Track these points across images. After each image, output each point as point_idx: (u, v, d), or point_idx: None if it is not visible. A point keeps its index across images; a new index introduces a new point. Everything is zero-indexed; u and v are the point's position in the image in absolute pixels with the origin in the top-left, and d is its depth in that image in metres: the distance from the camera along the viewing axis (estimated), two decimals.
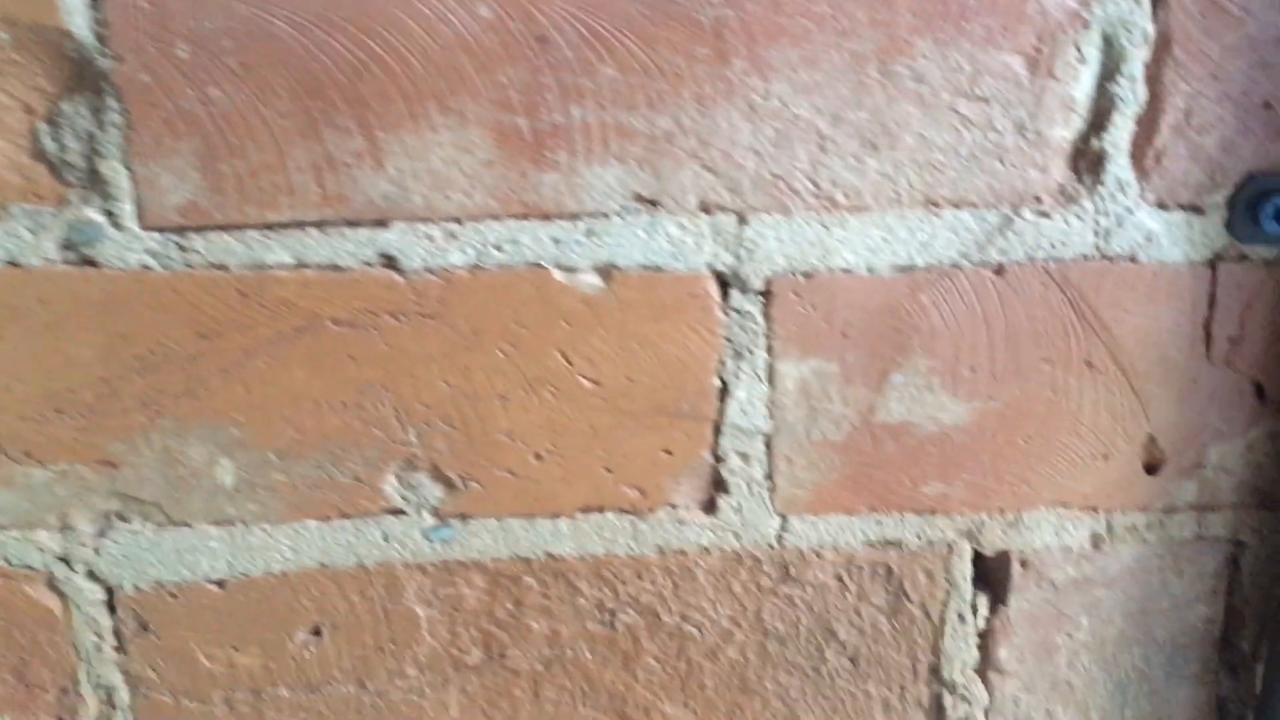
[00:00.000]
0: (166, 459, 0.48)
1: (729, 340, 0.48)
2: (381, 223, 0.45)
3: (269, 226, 0.45)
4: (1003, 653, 0.53)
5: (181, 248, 0.45)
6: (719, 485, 0.51)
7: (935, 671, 0.54)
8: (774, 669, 0.54)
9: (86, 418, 0.47)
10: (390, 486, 0.50)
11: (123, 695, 0.52)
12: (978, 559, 0.52)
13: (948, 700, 0.54)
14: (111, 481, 0.49)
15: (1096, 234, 0.46)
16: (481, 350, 0.48)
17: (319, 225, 0.45)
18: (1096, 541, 0.52)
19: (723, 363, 0.48)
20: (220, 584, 0.51)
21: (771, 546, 0.52)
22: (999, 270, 0.47)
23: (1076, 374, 0.49)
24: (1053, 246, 0.47)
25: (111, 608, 0.51)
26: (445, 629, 0.52)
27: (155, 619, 0.51)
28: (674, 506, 0.51)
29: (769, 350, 0.48)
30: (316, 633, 0.52)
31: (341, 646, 0.52)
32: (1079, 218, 0.46)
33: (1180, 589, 0.52)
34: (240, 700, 0.53)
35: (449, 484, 0.50)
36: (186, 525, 0.50)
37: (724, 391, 0.49)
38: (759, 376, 0.49)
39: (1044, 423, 0.50)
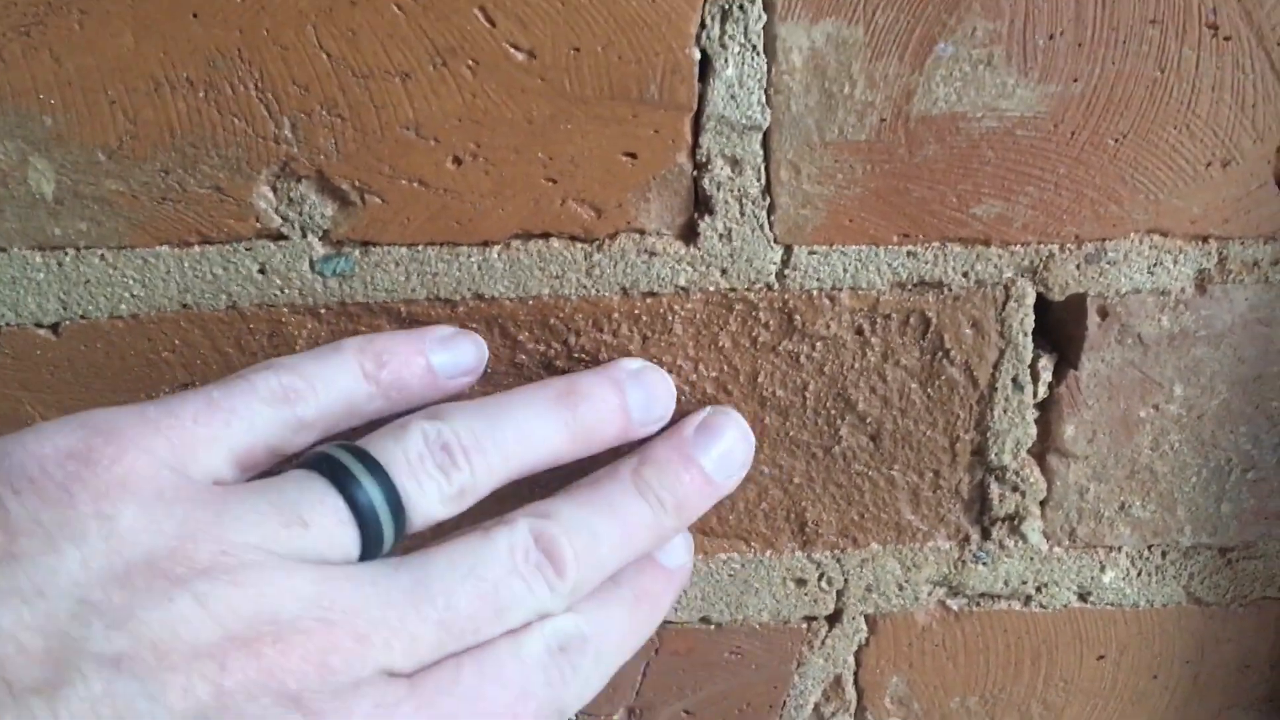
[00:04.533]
0: None
1: None
2: None
3: None
4: (1069, 430, 0.43)
5: None
6: (701, 203, 0.40)
7: (980, 453, 0.44)
8: (772, 448, 0.44)
9: None
10: (264, 200, 0.39)
11: None
12: (1042, 306, 0.41)
13: (994, 490, 0.44)
14: None
15: None
16: (372, 5, 0.36)
17: None
18: (1203, 282, 0.41)
19: (704, 25, 0.37)
20: (54, 329, 0.41)
21: (770, 287, 0.41)
22: None
23: (1194, 42, 0.37)
24: None
25: None
26: None
27: None
28: (641, 232, 0.40)
29: (768, 7, 0.36)
30: None
31: None
32: None
33: None
34: None
35: (341, 198, 0.39)
36: (0, 250, 0.40)
37: (706, 68, 0.37)
38: (754, 46, 0.37)
39: (1144, 114, 0.38)
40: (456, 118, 0.38)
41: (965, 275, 0.41)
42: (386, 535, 0.32)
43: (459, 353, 0.38)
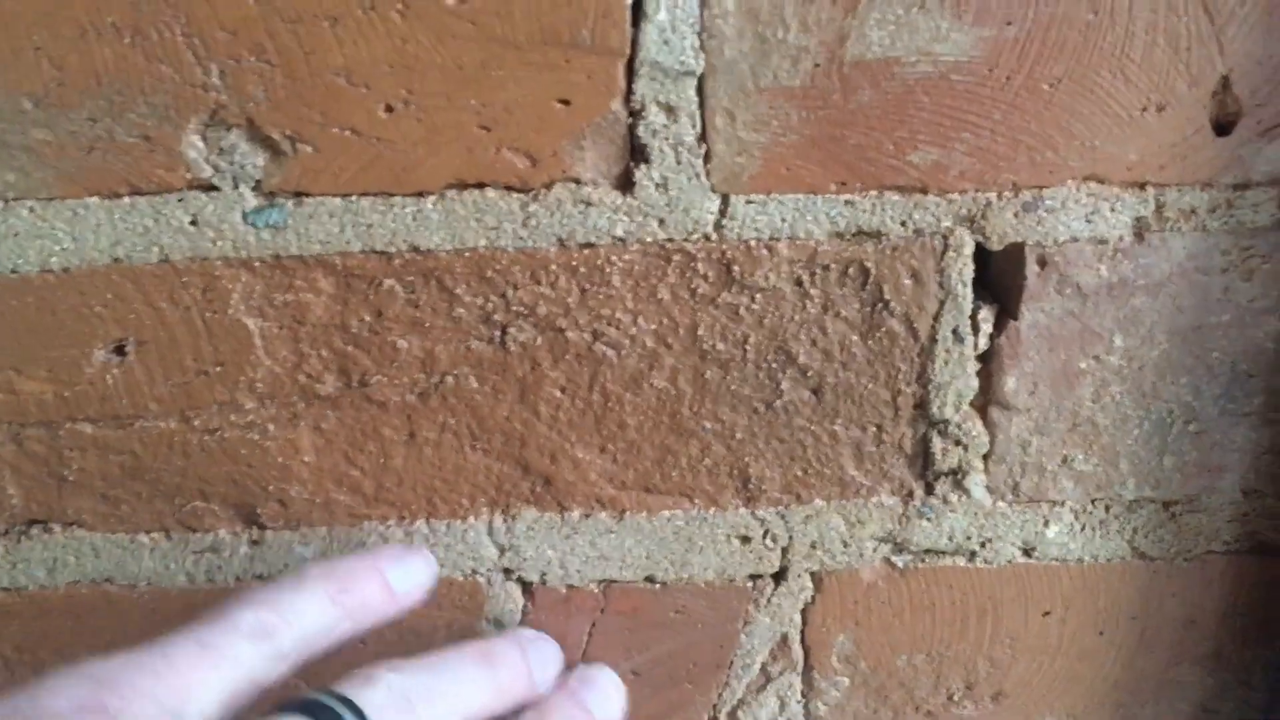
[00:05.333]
0: None
1: None
2: None
3: None
4: (1010, 382, 0.43)
5: None
6: (636, 152, 0.39)
7: (922, 407, 0.44)
8: (714, 403, 0.44)
9: None
10: (194, 150, 0.39)
11: None
12: (981, 255, 0.41)
13: (936, 443, 0.44)
14: None
15: None
16: None
17: None
18: (1140, 230, 0.41)
19: None
20: None
21: (708, 237, 0.41)
22: None
23: None
24: None
25: None
26: (287, 348, 0.42)
27: None
28: (577, 181, 0.40)
29: None
30: (120, 350, 0.42)
31: (154, 369, 0.42)
32: None
33: (1248, 295, 0.42)
34: (32, 437, 0.43)
35: (272, 147, 0.39)
36: None
37: (638, 13, 0.37)
38: None
39: (1078, 58, 0.38)
40: (387, 64, 0.38)
41: (903, 224, 0.41)
42: None
43: (412, 570, 0.41)
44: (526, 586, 0.47)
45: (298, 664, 0.37)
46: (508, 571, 0.47)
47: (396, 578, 0.41)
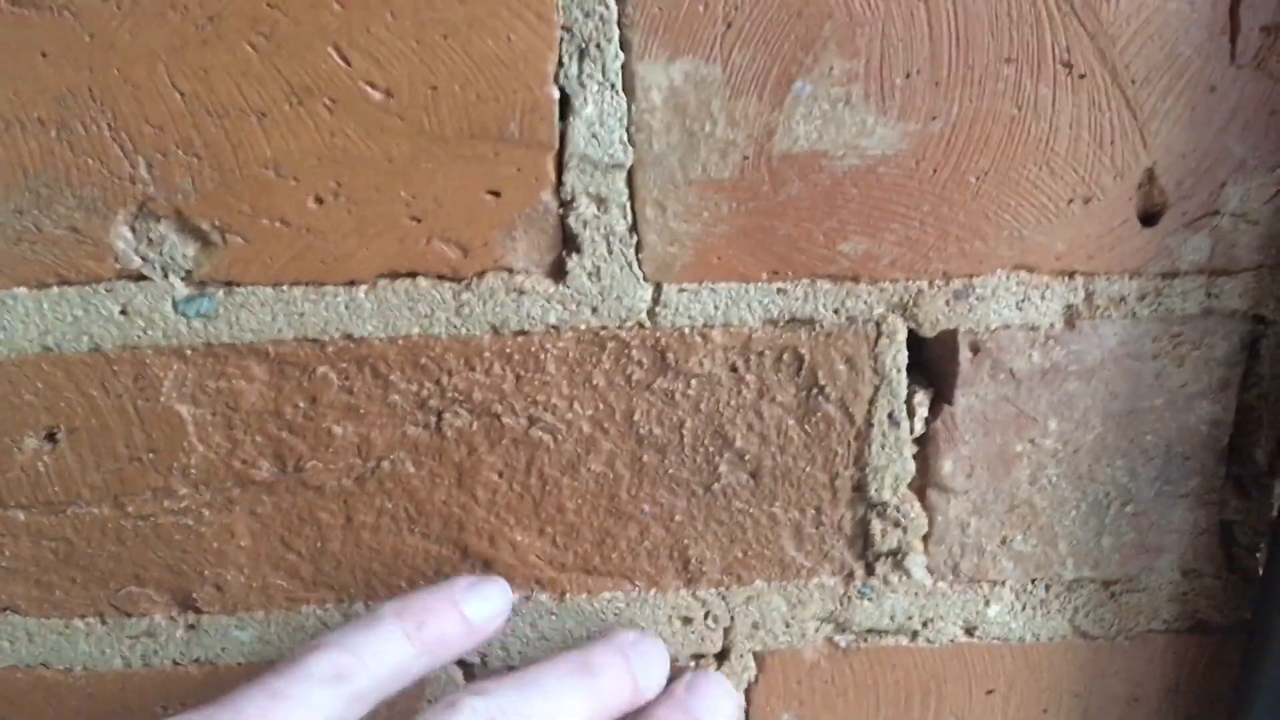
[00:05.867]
0: None
1: (569, 31, 0.36)
2: None
3: None
4: (947, 465, 0.43)
5: None
6: (568, 241, 0.40)
7: (860, 489, 0.44)
8: (653, 486, 0.44)
9: None
10: (122, 241, 0.39)
11: None
12: (914, 342, 0.42)
13: (876, 525, 0.44)
14: None
15: None
16: (222, 43, 0.36)
17: None
18: (1071, 318, 0.41)
19: (561, 64, 0.37)
20: None
21: (642, 325, 0.41)
22: None
23: (1050, 80, 0.37)
24: None
25: None
26: (221, 434, 0.42)
27: None
28: (509, 271, 0.40)
29: (624, 46, 0.37)
30: (51, 438, 0.42)
31: (86, 456, 0.42)
32: None
33: (1179, 380, 0.42)
34: None
35: (202, 237, 0.39)
36: None
37: (565, 107, 0.37)
38: (612, 85, 0.37)
39: (1004, 152, 0.38)
40: (316, 156, 0.38)
41: (836, 312, 0.41)
42: None
43: (488, 598, 0.41)
44: (468, 668, 0.47)
45: (377, 704, 0.37)
46: None
47: (472, 609, 0.40)
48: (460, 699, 0.35)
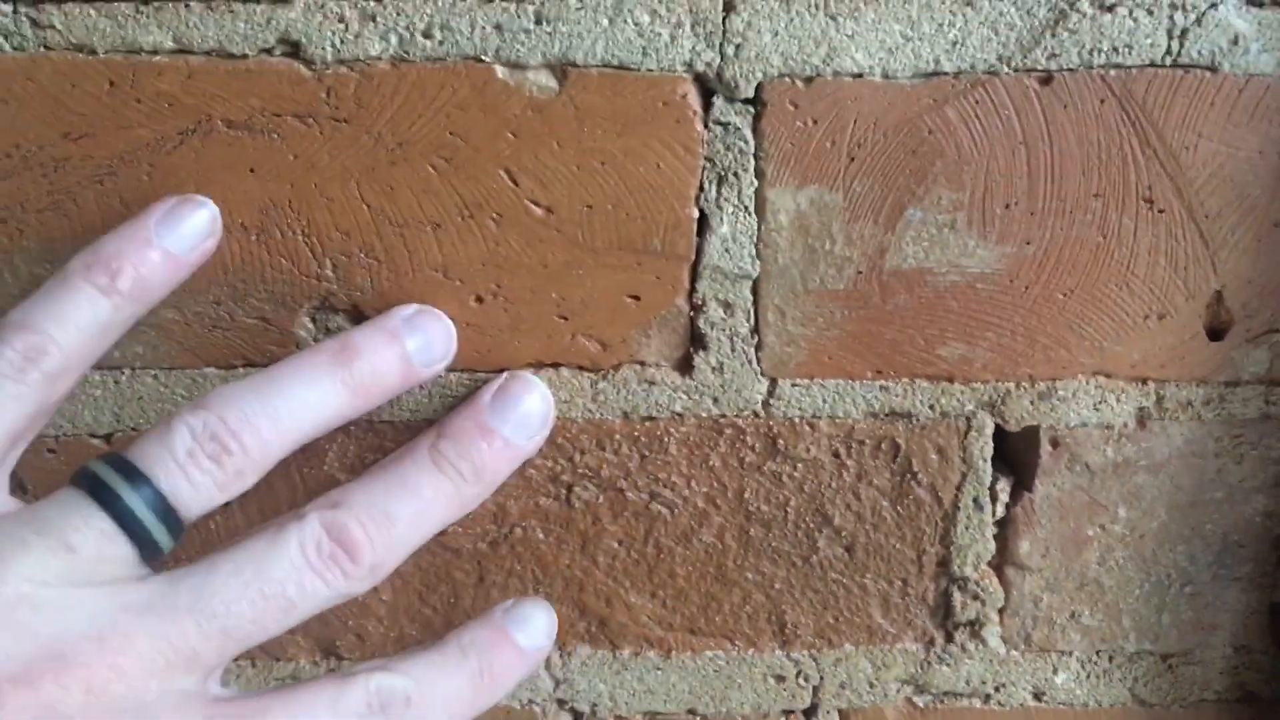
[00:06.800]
0: (33, 290, 0.42)
1: (710, 161, 0.42)
2: None
3: None
4: (1024, 546, 0.48)
5: (35, 22, 0.39)
6: (696, 340, 0.45)
7: (944, 565, 0.49)
8: (756, 557, 0.49)
9: None
10: (303, 330, 0.44)
11: None
12: (1000, 436, 0.47)
13: (957, 598, 0.49)
14: None
15: (1170, 34, 0.39)
16: (409, 165, 0.41)
17: None
18: (1143, 419, 0.46)
19: (702, 189, 0.42)
20: (107, 439, 0.46)
21: (757, 414, 0.46)
22: (1046, 79, 0.40)
23: (1132, 213, 0.42)
24: (1114, 50, 0.40)
25: None
26: None
27: (32, 479, 0.46)
28: (642, 364, 0.45)
29: (759, 175, 0.42)
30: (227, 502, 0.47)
31: (253, 516, 0.47)
32: (1149, 12, 0.39)
33: (1238, 477, 0.47)
34: None
35: None
36: None
37: (703, 225, 0.43)
38: (746, 207, 0.42)
39: (1089, 273, 0.43)
40: (480, 262, 0.43)
41: (931, 407, 0.46)
42: (161, 540, 0.34)
43: (186, 225, 0.38)
44: (577, 716, 0.52)
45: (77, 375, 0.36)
46: (561, 702, 0.51)
47: (170, 243, 0.38)
48: (176, 418, 0.35)
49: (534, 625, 0.42)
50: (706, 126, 0.41)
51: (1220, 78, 0.40)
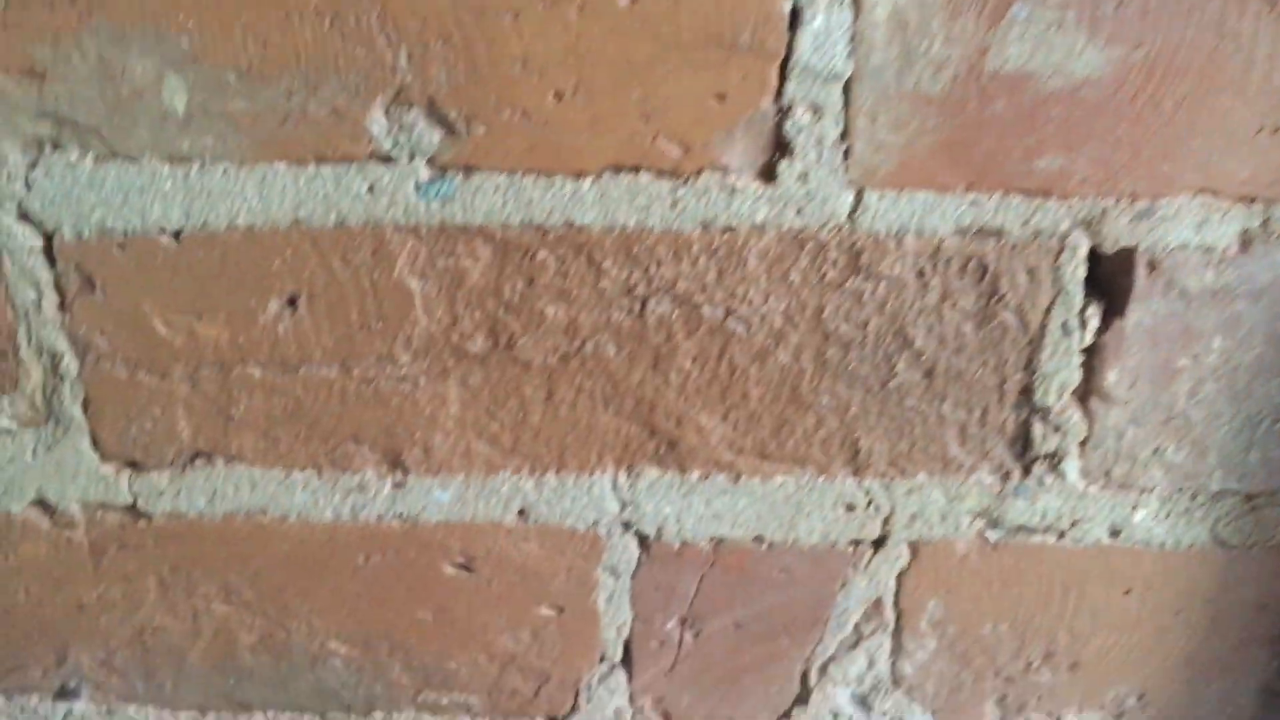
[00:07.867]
0: (103, 72, 0.42)
1: None
2: None
3: None
4: (1111, 375, 0.47)
5: None
6: (781, 146, 0.43)
7: (1026, 393, 0.48)
8: (832, 379, 0.48)
9: (2, 13, 0.41)
10: (377, 125, 0.43)
11: (70, 364, 0.48)
12: (1094, 257, 0.45)
13: (1037, 429, 0.48)
14: (39, 97, 0.42)
15: None
16: None
17: None
18: (1247, 241, 0.44)
19: None
20: (176, 235, 0.45)
21: (841, 228, 0.45)
22: None
23: (1254, 13, 0.40)
24: None
25: (51, 258, 0.46)
26: (443, 309, 0.47)
27: (101, 274, 0.46)
28: (724, 170, 0.44)
29: None
30: (292, 303, 0.47)
31: (321, 321, 0.47)
32: None
33: None
34: (205, 378, 0.48)
35: (448, 126, 0.43)
36: (132, 159, 0.44)
37: (795, 19, 0.41)
38: (841, 1, 0.40)
39: (1202, 80, 0.41)
40: (560, 55, 0.42)
41: (1024, 225, 0.44)
42: None
43: None
44: (643, 540, 0.52)
45: None
46: (626, 525, 0.51)
47: None
48: None
49: None
50: None
51: None
